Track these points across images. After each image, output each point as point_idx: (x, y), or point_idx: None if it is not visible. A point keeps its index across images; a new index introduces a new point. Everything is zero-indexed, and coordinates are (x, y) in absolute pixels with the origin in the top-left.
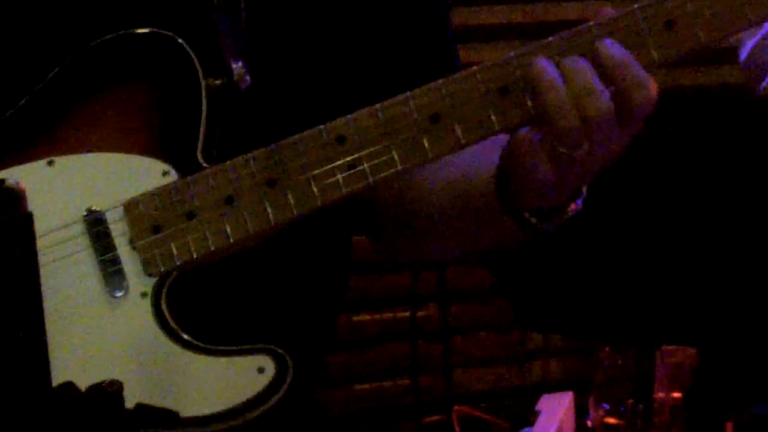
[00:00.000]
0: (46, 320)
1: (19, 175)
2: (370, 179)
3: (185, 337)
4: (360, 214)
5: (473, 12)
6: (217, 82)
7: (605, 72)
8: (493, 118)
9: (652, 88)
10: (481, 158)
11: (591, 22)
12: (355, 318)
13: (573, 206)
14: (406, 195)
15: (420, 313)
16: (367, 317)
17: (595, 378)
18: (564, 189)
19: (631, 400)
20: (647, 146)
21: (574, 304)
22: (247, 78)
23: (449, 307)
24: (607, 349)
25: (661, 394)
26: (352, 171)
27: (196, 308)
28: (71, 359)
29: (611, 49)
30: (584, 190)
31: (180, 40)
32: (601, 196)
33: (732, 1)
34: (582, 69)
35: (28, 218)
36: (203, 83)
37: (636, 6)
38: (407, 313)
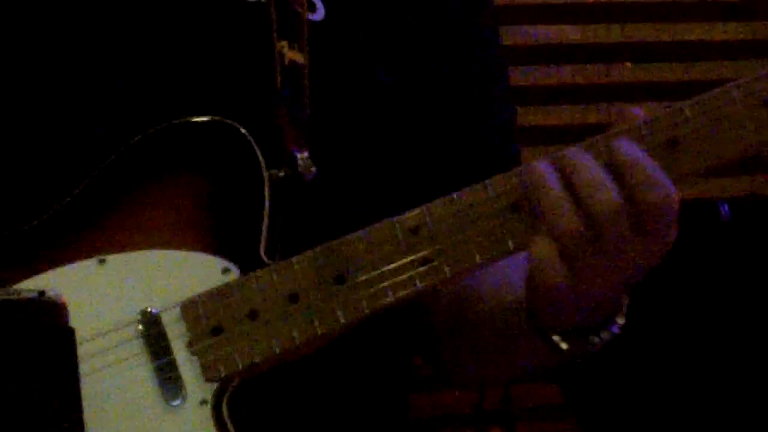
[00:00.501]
0: (98, 430)
1: (68, 275)
2: (447, 273)
3: None
4: (416, 331)
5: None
6: (281, 173)
7: (616, 171)
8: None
9: (668, 189)
10: (514, 272)
11: (598, 137)
12: None
13: (605, 333)
14: (458, 307)
15: None
16: None
17: None
18: (583, 303)
19: None
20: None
21: (648, 427)
22: (313, 169)
23: (515, 427)
24: None
25: None
26: (427, 265)
27: (260, 416)
28: None
29: (624, 147)
30: (620, 319)
31: (242, 130)
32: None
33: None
34: (585, 163)
35: (69, 333)
36: (266, 175)
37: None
38: None
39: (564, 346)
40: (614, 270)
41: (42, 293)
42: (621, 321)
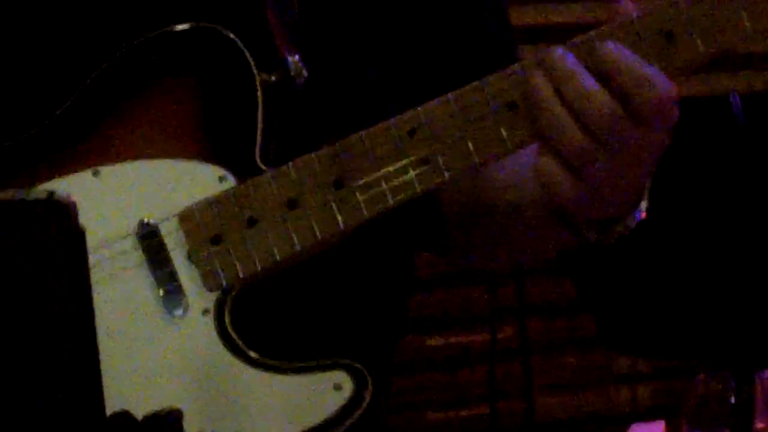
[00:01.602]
0: (99, 342)
1: (62, 187)
2: (446, 174)
3: (253, 354)
4: (425, 225)
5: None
6: (272, 77)
7: (606, 75)
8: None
9: (662, 85)
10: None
11: (590, 33)
12: (428, 341)
13: (631, 219)
14: (471, 195)
15: (498, 334)
16: (441, 340)
17: (687, 405)
18: (604, 202)
19: (727, 431)
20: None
21: (664, 320)
22: (304, 72)
23: (529, 323)
24: (701, 373)
25: (761, 425)
26: (426, 166)
27: (262, 323)
28: (127, 383)
29: (608, 48)
30: (643, 204)
31: (230, 35)
32: (694, 207)
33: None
34: (573, 69)
35: (80, 234)
36: (257, 79)
37: (634, 16)
38: (483, 334)
39: (593, 236)
40: (625, 167)
41: (52, 193)
42: (644, 205)
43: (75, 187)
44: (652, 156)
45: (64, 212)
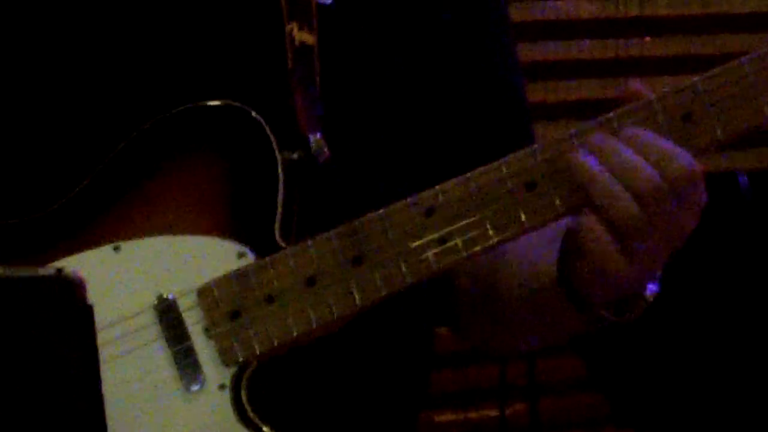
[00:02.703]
0: (114, 417)
1: (83, 262)
2: (464, 253)
3: (269, 431)
4: (441, 302)
5: None
6: (294, 155)
7: (637, 151)
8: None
9: (687, 157)
10: (544, 244)
11: (610, 114)
12: (437, 418)
13: (648, 294)
14: (485, 279)
15: (508, 410)
16: (451, 416)
17: None
18: (637, 280)
19: None
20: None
21: (675, 399)
22: (326, 150)
23: (539, 401)
24: None
25: None
26: (443, 246)
27: (279, 399)
28: None
29: (632, 130)
30: (653, 285)
31: (253, 113)
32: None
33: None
34: (614, 145)
35: (88, 310)
36: (279, 157)
37: (654, 96)
38: (494, 411)
39: (609, 315)
40: (665, 243)
41: (60, 270)
42: (655, 287)
43: (95, 262)
44: (682, 234)
45: (72, 288)
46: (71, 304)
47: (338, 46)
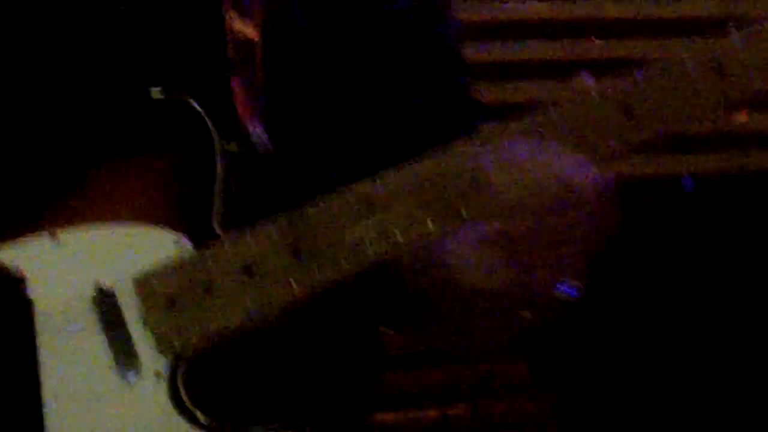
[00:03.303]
0: (54, 405)
1: (20, 251)
2: (402, 241)
3: (204, 419)
4: (389, 303)
5: None
6: (233, 146)
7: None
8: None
9: (563, 172)
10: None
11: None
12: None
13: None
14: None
15: (450, 411)
16: (391, 416)
17: None
18: (537, 282)
19: None
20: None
21: (617, 400)
22: (266, 142)
23: (481, 404)
24: None
25: None
26: (381, 235)
27: (216, 388)
28: None
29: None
30: (577, 282)
31: (194, 104)
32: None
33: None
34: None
35: (28, 305)
36: (218, 147)
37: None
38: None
39: (528, 315)
40: (557, 248)
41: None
42: (578, 287)
43: (33, 251)
44: (582, 235)
45: (12, 284)
46: (11, 299)
47: (283, 44)
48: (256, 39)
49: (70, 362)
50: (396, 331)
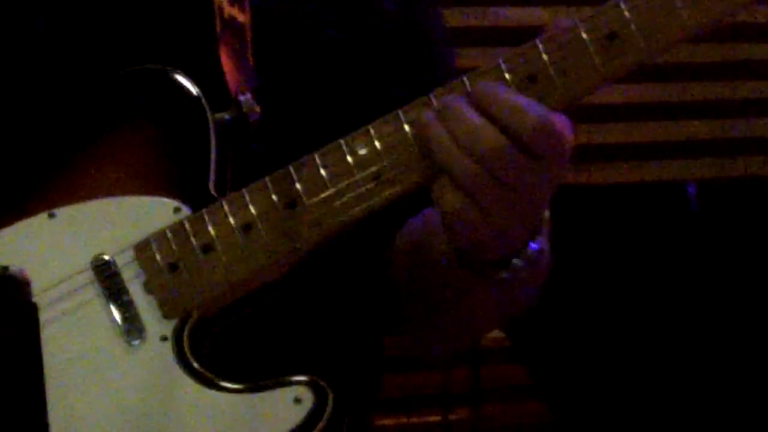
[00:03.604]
0: (59, 379)
1: (17, 232)
2: (398, 188)
3: (212, 376)
4: (387, 309)
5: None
6: (225, 115)
7: (484, 109)
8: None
9: (538, 110)
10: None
11: (463, 76)
12: (378, 421)
13: (527, 253)
14: (420, 272)
15: (451, 416)
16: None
17: None
18: (506, 237)
19: None
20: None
21: (615, 407)
22: (257, 110)
23: (482, 407)
24: None
25: None
26: (376, 181)
27: (223, 347)
28: (91, 416)
29: (481, 85)
30: (541, 234)
31: (184, 76)
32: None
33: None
34: (457, 106)
35: (32, 308)
36: (210, 118)
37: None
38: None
39: (502, 274)
40: (521, 197)
41: (5, 268)
42: (542, 240)
43: (30, 231)
44: (547, 188)
45: (16, 287)
46: (15, 302)
47: (272, 26)
48: (245, 24)
49: (73, 334)
50: (396, 333)
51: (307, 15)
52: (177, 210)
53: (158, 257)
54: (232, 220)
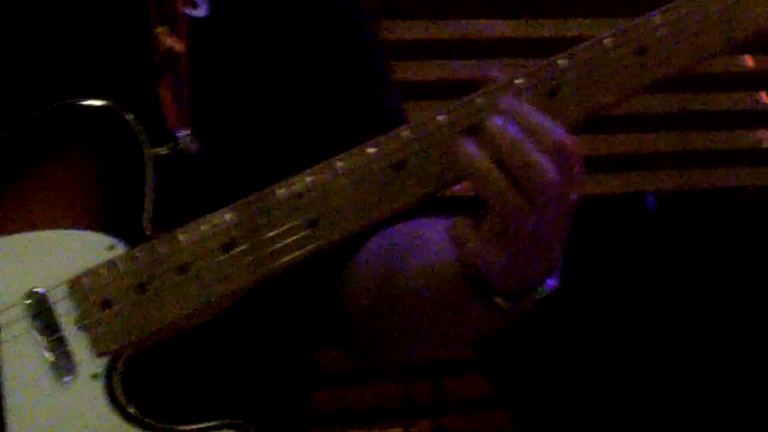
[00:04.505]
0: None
1: None
2: (335, 234)
3: (143, 418)
4: (329, 322)
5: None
6: (162, 151)
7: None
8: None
9: (558, 134)
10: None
11: (490, 87)
12: None
13: (544, 287)
14: (379, 287)
15: (413, 429)
16: None
17: None
18: (525, 269)
19: None
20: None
21: (580, 416)
22: (194, 145)
23: (445, 418)
24: None
25: None
26: (313, 228)
27: (155, 388)
28: None
29: (510, 101)
30: (556, 271)
31: (122, 110)
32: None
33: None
34: (514, 140)
35: None
36: (147, 153)
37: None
38: (399, 429)
39: (506, 306)
40: (551, 230)
41: None
42: (557, 277)
43: None
44: (569, 215)
45: None
46: None
47: (211, 55)
48: (183, 54)
49: (5, 370)
50: (347, 352)
51: (244, 45)
52: (111, 247)
53: (91, 294)
54: (166, 261)
